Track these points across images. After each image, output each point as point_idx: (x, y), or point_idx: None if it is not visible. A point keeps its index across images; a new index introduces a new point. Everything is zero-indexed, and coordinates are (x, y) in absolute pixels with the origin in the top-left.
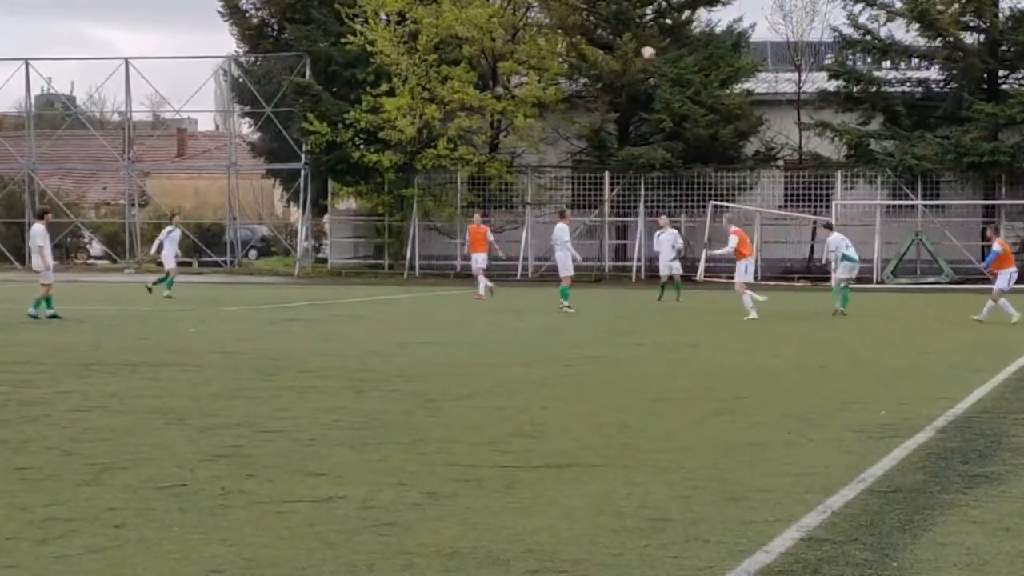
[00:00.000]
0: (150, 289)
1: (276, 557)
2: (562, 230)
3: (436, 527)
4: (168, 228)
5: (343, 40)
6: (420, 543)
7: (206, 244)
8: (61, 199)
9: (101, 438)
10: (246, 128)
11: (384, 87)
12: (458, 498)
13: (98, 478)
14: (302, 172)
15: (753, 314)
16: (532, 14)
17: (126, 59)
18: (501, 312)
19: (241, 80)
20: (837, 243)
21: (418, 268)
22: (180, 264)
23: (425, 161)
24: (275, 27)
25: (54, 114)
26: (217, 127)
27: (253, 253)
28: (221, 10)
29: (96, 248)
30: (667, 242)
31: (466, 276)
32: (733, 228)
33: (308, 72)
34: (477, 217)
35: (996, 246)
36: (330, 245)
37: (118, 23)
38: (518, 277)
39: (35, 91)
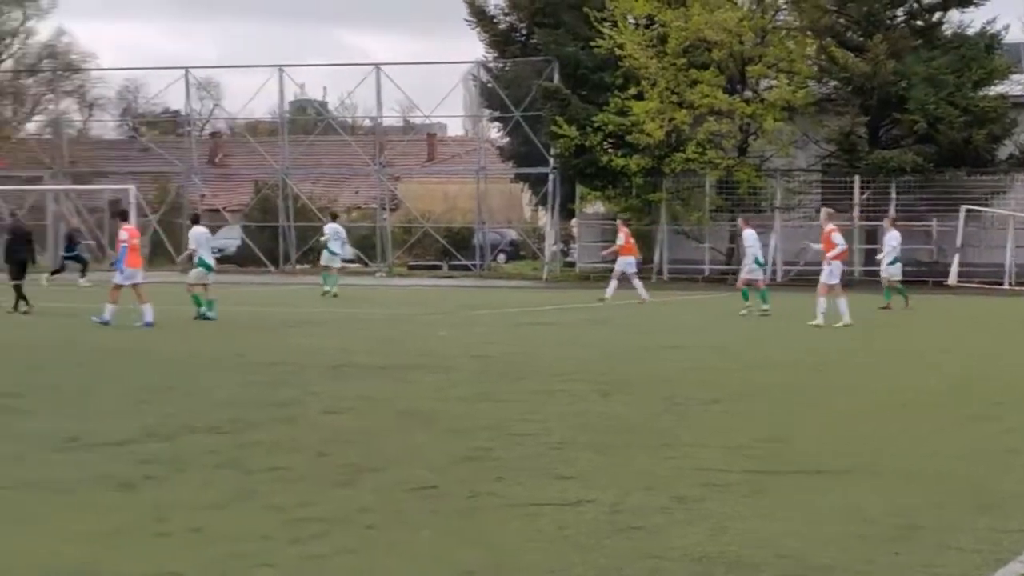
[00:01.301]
0: (335, 295)
1: (525, 560)
2: (752, 236)
3: (684, 531)
4: (332, 227)
5: (591, 44)
6: (668, 547)
7: (455, 248)
8: (313, 203)
9: (352, 440)
10: (495, 132)
11: (632, 90)
12: (706, 502)
13: (350, 479)
14: (550, 176)
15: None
16: (781, 17)
17: (377, 65)
18: (747, 317)
19: (490, 85)
20: None
21: (666, 272)
22: (430, 267)
23: (673, 165)
24: (523, 32)
25: (307, 120)
26: (466, 132)
27: (502, 257)
28: (468, 17)
29: (348, 251)
30: (888, 244)
31: (715, 280)
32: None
33: (556, 76)
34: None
35: None
36: (578, 249)
37: (371, 29)
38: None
39: (288, 97)
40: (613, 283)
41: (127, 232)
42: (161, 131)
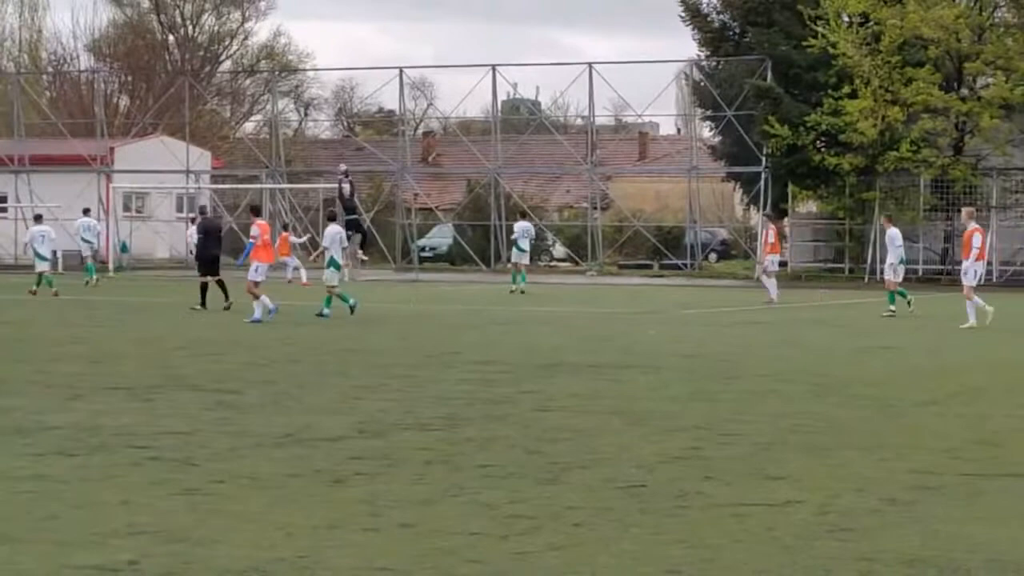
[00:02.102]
0: (522, 291)
1: (733, 559)
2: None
3: (895, 534)
4: (521, 225)
5: (804, 43)
6: (879, 549)
7: (666, 247)
8: (525, 202)
9: (562, 438)
10: (707, 132)
11: (846, 89)
12: (918, 505)
13: (559, 477)
14: (762, 175)
15: (972, 320)
16: (999, 14)
17: (589, 64)
18: (960, 317)
19: (702, 84)
20: None
21: (879, 272)
22: (640, 267)
23: (887, 164)
24: (736, 30)
25: (519, 119)
26: (678, 131)
27: (713, 256)
28: (682, 14)
29: (559, 250)
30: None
31: (929, 280)
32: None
33: (769, 75)
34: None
35: None
36: (790, 248)
37: (587, 29)
38: (983, 282)
39: (501, 97)
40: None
41: (259, 228)
42: (375, 130)
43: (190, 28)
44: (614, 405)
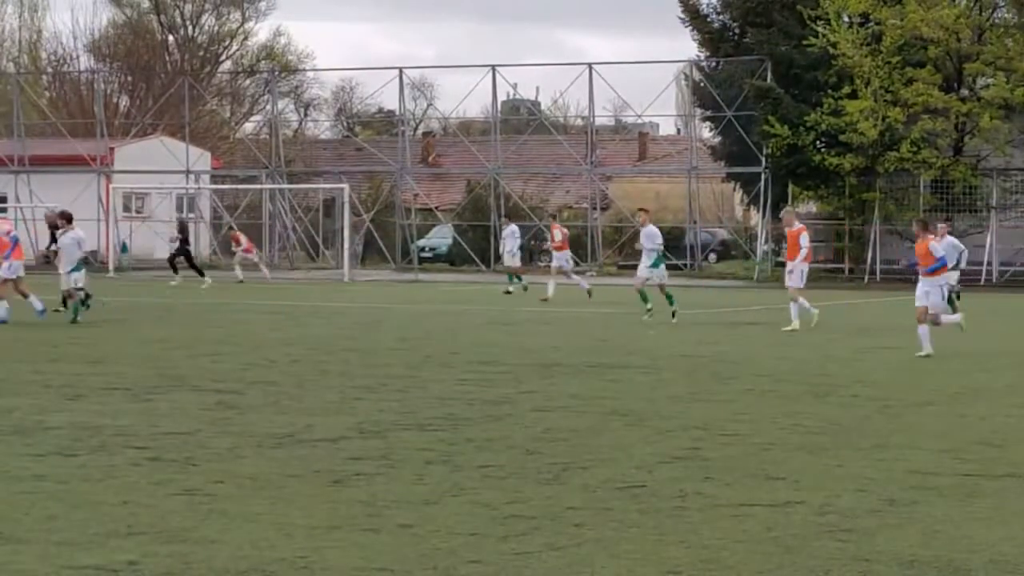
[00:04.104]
0: (525, 288)
1: (733, 560)
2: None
3: (895, 534)
4: (509, 227)
5: (805, 42)
6: (878, 550)
7: (666, 247)
8: (525, 202)
9: (562, 438)
10: (707, 132)
11: (846, 89)
12: (918, 506)
13: (559, 477)
14: (762, 176)
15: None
16: (999, 14)
17: (589, 64)
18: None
19: (702, 84)
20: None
21: (879, 272)
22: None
23: (887, 164)
24: (736, 31)
25: (519, 119)
26: (678, 131)
27: (712, 256)
28: (682, 15)
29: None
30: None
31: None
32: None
33: (769, 75)
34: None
35: None
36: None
37: (588, 29)
38: (982, 282)
39: (501, 97)
40: (552, 282)
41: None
42: (375, 130)
43: (190, 28)
44: (614, 405)
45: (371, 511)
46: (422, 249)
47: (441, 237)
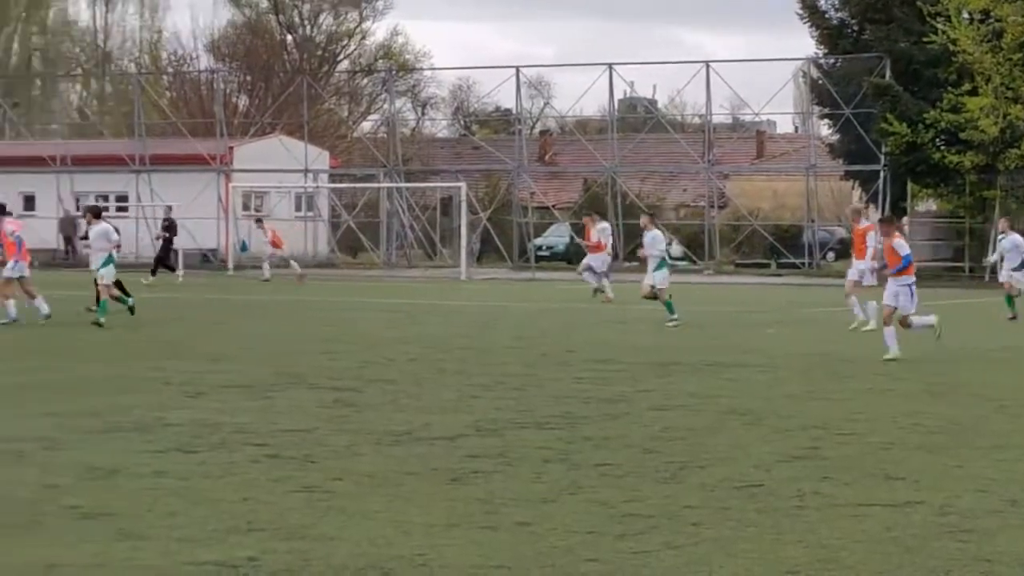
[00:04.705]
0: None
1: (851, 560)
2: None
3: (1017, 535)
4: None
5: (924, 39)
6: (999, 551)
7: (784, 246)
8: (642, 201)
9: (679, 437)
10: (825, 130)
11: (966, 86)
12: None
13: (676, 476)
14: (881, 174)
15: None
16: None
17: (706, 62)
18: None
19: (820, 81)
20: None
21: (998, 272)
22: (757, 265)
23: (1008, 162)
24: (855, 27)
25: (636, 117)
26: (796, 129)
27: (831, 255)
28: (800, 12)
29: (676, 249)
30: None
31: None
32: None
33: (888, 72)
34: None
35: None
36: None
37: (707, 26)
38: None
39: (618, 95)
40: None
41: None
42: (492, 129)
43: (308, 28)
44: (731, 404)
45: (488, 509)
46: (539, 248)
47: (558, 235)
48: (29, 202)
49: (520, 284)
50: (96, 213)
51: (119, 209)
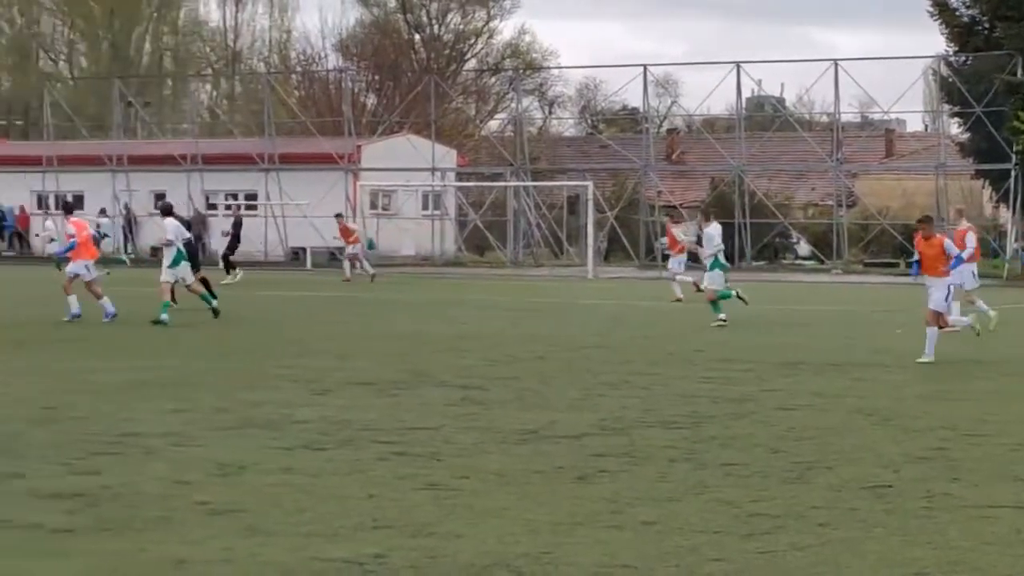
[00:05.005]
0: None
1: (981, 562)
2: None
3: None
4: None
5: None
6: None
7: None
8: (769, 200)
9: (806, 436)
10: (955, 128)
11: None
12: None
13: (803, 476)
14: (1012, 173)
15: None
16: None
17: (835, 60)
18: None
19: (950, 79)
20: None
21: None
22: (886, 265)
23: None
24: (985, 25)
25: (764, 116)
26: (925, 127)
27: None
28: (930, 9)
29: (803, 248)
30: None
31: None
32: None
33: (1020, 70)
34: None
35: None
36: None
37: (838, 25)
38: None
39: (745, 93)
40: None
41: (74, 227)
42: (619, 128)
43: (436, 27)
44: (858, 404)
45: (614, 508)
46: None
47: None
48: (159, 200)
49: (647, 283)
50: (166, 210)
51: (248, 207)
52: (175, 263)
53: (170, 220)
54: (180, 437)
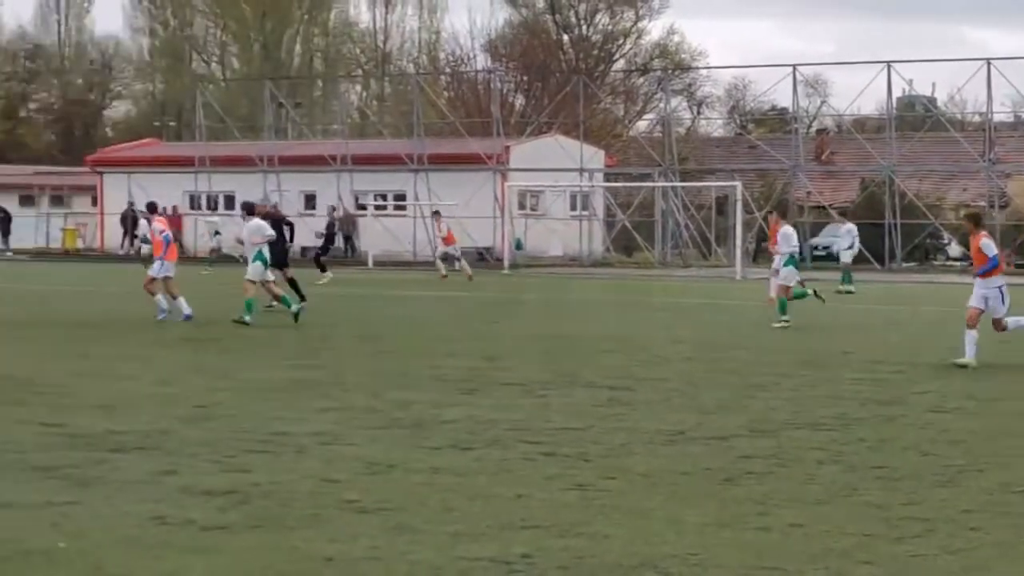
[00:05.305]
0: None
1: None
2: None
3: None
4: (846, 226)
5: None
6: None
7: None
8: (920, 200)
9: (957, 440)
10: None
11: None
12: None
13: (954, 480)
14: None
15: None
16: None
17: (987, 60)
18: None
19: None
20: None
21: None
22: None
23: None
24: None
25: (914, 116)
26: None
27: None
28: None
29: (954, 250)
30: None
31: None
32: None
33: None
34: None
35: None
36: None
37: (992, 23)
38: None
39: (896, 93)
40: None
41: (161, 224)
42: (768, 128)
43: (584, 27)
44: (1012, 407)
45: (761, 509)
46: (815, 248)
47: (834, 235)
48: (309, 200)
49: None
50: (249, 209)
51: (397, 208)
52: (256, 260)
53: (254, 220)
54: (329, 436)
